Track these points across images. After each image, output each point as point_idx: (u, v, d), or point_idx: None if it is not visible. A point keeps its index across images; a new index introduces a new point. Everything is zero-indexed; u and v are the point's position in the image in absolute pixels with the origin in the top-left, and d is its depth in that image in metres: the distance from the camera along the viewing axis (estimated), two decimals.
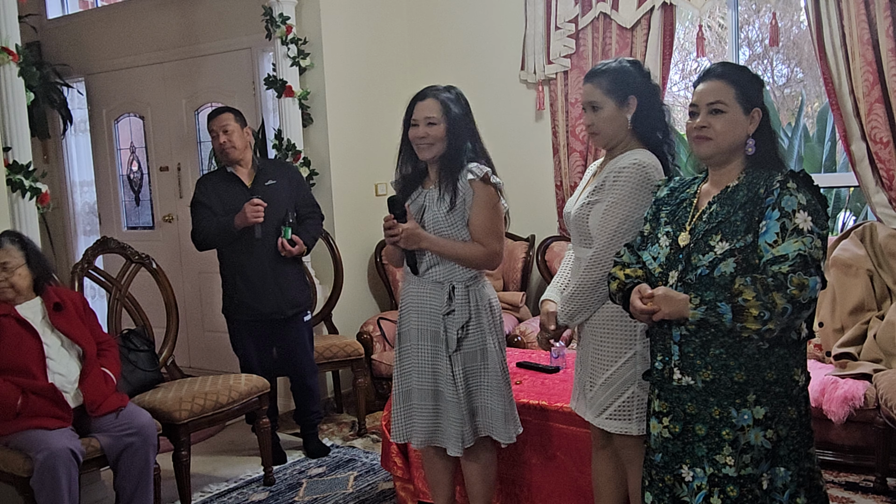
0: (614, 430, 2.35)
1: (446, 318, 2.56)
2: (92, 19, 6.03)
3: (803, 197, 1.87)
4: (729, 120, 1.96)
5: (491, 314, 2.62)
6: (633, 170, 2.29)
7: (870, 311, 3.64)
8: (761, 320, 1.80)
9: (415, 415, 2.64)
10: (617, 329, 2.34)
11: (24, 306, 2.98)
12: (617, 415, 2.33)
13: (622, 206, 2.28)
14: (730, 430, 1.90)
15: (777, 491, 1.90)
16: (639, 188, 2.28)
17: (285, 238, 3.65)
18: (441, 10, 5.12)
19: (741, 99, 1.96)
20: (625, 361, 2.33)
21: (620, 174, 2.30)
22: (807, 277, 1.80)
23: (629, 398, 2.32)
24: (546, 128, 4.75)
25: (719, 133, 1.97)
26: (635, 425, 2.32)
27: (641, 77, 2.38)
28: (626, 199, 2.28)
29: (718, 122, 1.96)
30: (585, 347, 2.45)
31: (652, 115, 2.37)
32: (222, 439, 4.29)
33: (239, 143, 3.72)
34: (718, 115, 1.97)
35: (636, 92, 2.35)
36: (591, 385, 2.40)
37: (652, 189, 2.24)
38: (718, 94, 1.97)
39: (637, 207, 2.27)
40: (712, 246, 1.92)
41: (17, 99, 3.22)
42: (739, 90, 1.97)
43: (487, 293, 2.64)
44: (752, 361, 1.88)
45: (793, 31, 6.50)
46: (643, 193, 2.27)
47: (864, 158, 3.75)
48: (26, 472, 2.73)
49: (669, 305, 1.92)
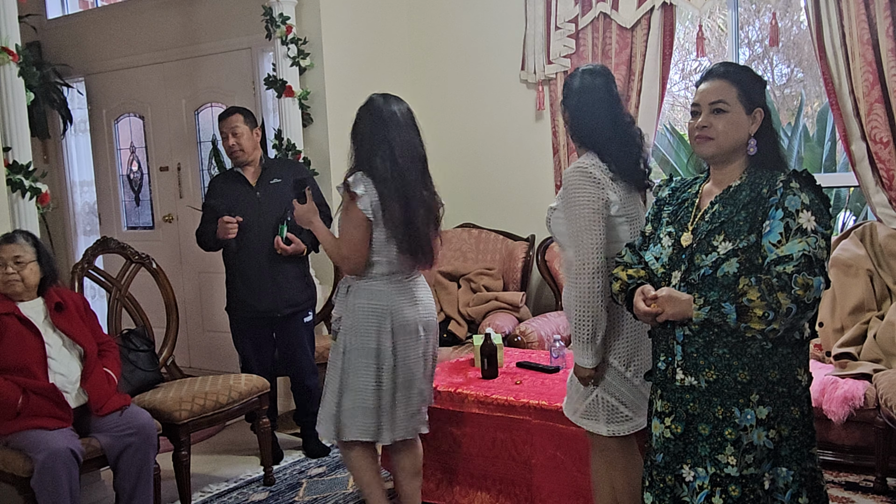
0: (588, 428, 2.43)
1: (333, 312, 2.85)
2: (92, 19, 6.03)
3: (806, 196, 1.87)
4: (731, 120, 1.96)
5: (354, 316, 2.73)
6: (570, 174, 2.32)
7: (870, 311, 3.64)
8: (766, 320, 1.80)
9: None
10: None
11: (26, 305, 2.99)
12: (587, 414, 2.41)
13: (573, 206, 2.28)
14: (733, 429, 1.90)
15: (779, 491, 1.90)
16: (579, 187, 2.28)
17: (280, 236, 3.66)
18: (441, 10, 5.12)
19: (743, 99, 1.96)
20: None
21: (565, 180, 2.34)
22: (811, 277, 1.80)
23: (593, 401, 2.38)
24: (546, 128, 4.75)
25: (721, 133, 1.96)
26: (603, 426, 2.37)
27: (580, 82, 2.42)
28: (573, 199, 2.29)
29: (720, 121, 1.96)
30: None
31: (583, 122, 2.39)
32: (222, 439, 4.29)
33: (248, 145, 3.74)
34: (720, 114, 1.96)
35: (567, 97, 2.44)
36: (568, 385, 2.50)
37: (597, 180, 2.26)
38: (721, 93, 1.97)
39: (585, 203, 2.26)
40: (715, 246, 1.92)
41: (17, 99, 3.22)
42: (742, 90, 1.97)
43: (357, 297, 2.74)
44: (756, 361, 1.88)
45: (793, 31, 6.50)
46: (583, 189, 2.28)
47: (864, 158, 3.75)
48: (26, 473, 2.73)
49: (673, 306, 1.92)
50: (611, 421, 2.36)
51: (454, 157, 5.11)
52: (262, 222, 3.70)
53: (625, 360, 2.33)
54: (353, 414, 2.75)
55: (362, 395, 2.73)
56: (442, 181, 5.18)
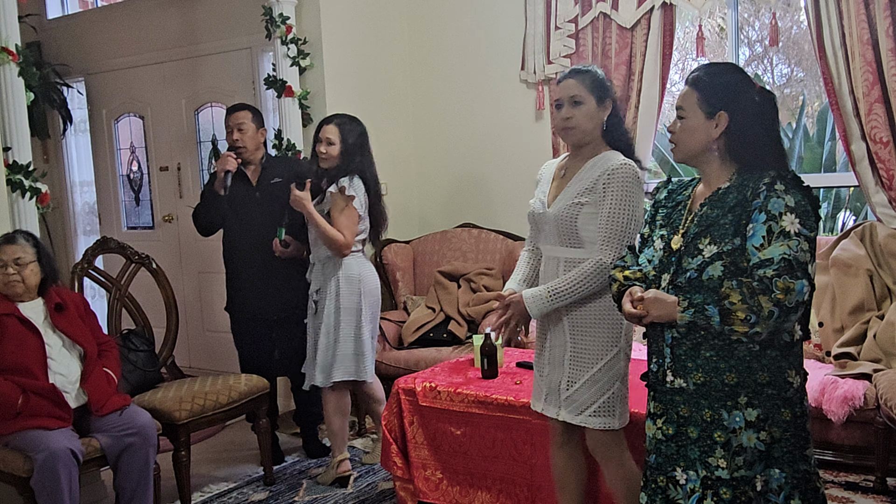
0: (596, 426, 2.39)
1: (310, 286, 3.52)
2: (92, 19, 6.02)
3: (791, 199, 1.85)
4: (686, 126, 1.98)
5: (348, 285, 3.45)
6: (627, 169, 2.36)
7: (870, 311, 3.64)
8: (748, 323, 1.80)
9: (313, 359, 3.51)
10: (602, 327, 2.39)
11: (26, 306, 2.99)
12: (601, 411, 2.38)
13: (626, 207, 2.33)
14: (721, 432, 1.89)
15: (772, 492, 1.89)
16: (636, 186, 2.36)
17: (279, 238, 3.66)
18: (441, 10, 5.12)
19: (702, 104, 1.96)
20: (611, 358, 2.38)
21: (615, 174, 2.35)
22: (792, 281, 1.78)
23: (613, 394, 2.39)
24: (546, 128, 4.75)
25: (678, 139, 2.00)
26: (617, 420, 2.39)
27: (612, 87, 2.52)
28: (628, 198, 2.33)
29: (679, 127, 1.99)
30: (558, 347, 2.47)
31: (620, 123, 2.51)
32: (222, 439, 4.29)
33: (250, 144, 3.75)
34: (680, 120, 2.00)
35: (612, 97, 2.47)
36: (569, 384, 2.43)
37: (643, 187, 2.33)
38: (682, 99, 2.00)
39: (638, 205, 2.35)
40: (701, 249, 1.91)
41: (17, 99, 3.22)
42: (702, 95, 1.96)
43: (345, 269, 3.45)
44: (744, 364, 1.88)
45: (793, 31, 6.50)
46: (639, 191, 2.37)
47: (864, 158, 3.75)
48: (26, 473, 2.73)
49: (658, 308, 1.93)
50: (623, 412, 2.41)
51: (454, 157, 5.11)
52: (260, 222, 3.70)
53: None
54: (372, 356, 3.55)
55: (374, 341, 3.57)
56: (442, 181, 5.23)
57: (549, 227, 2.48)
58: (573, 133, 2.44)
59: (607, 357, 2.38)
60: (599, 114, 2.43)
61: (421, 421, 3.17)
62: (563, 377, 2.44)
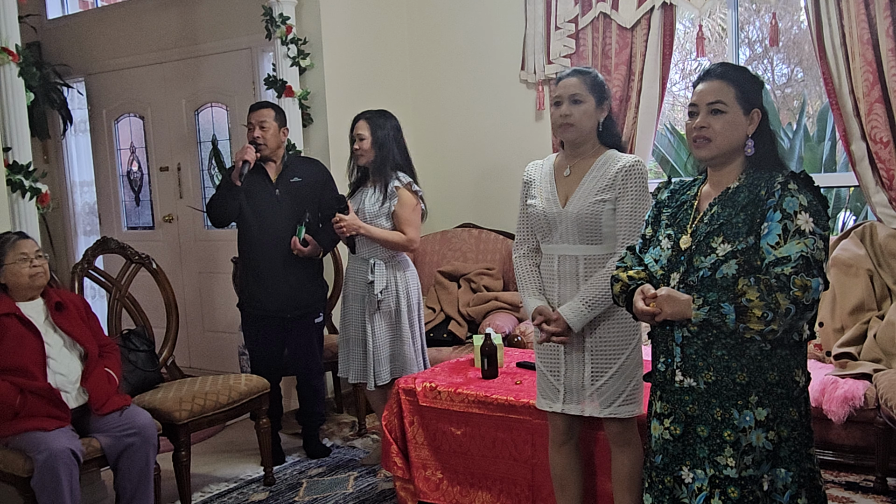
0: (626, 415, 2.45)
1: (369, 286, 3.51)
2: (92, 19, 6.02)
3: (804, 198, 1.87)
4: (728, 120, 1.96)
5: (406, 284, 3.57)
6: (641, 166, 2.46)
7: (870, 311, 3.64)
8: (765, 321, 1.80)
9: (351, 357, 3.59)
10: (618, 317, 2.45)
11: (26, 306, 2.98)
12: (630, 399, 2.45)
13: (643, 202, 2.42)
14: (731, 431, 1.90)
15: (778, 492, 1.90)
16: (647, 183, 2.45)
17: (298, 237, 3.65)
18: (441, 10, 5.12)
19: (741, 99, 1.96)
20: (634, 346, 2.47)
21: (632, 171, 2.43)
22: (809, 279, 1.80)
23: (638, 381, 2.47)
24: (546, 128, 4.75)
25: (718, 133, 1.96)
26: (639, 406, 2.47)
27: (610, 93, 2.58)
28: (644, 194, 2.43)
29: (718, 122, 1.96)
30: (575, 346, 2.48)
31: (614, 125, 2.57)
32: (222, 439, 4.29)
33: (271, 142, 3.74)
34: (718, 115, 1.96)
35: (610, 102, 2.54)
36: (596, 378, 2.45)
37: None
38: (718, 94, 1.97)
39: (648, 202, 2.41)
40: (714, 248, 1.92)
41: (17, 99, 3.22)
42: (739, 90, 1.96)
43: (404, 270, 3.58)
44: (755, 363, 1.88)
45: (793, 31, 6.50)
46: (647, 189, 2.44)
47: (864, 158, 3.75)
48: (27, 473, 2.73)
49: (672, 306, 1.92)
50: (643, 396, 2.46)
51: (454, 157, 5.11)
52: (279, 220, 3.69)
53: None
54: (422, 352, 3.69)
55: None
56: (442, 181, 5.22)
57: (565, 226, 2.47)
58: (571, 130, 2.46)
59: (632, 345, 2.46)
60: (597, 115, 2.47)
61: (421, 421, 3.17)
62: (586, 373, 2.47)
